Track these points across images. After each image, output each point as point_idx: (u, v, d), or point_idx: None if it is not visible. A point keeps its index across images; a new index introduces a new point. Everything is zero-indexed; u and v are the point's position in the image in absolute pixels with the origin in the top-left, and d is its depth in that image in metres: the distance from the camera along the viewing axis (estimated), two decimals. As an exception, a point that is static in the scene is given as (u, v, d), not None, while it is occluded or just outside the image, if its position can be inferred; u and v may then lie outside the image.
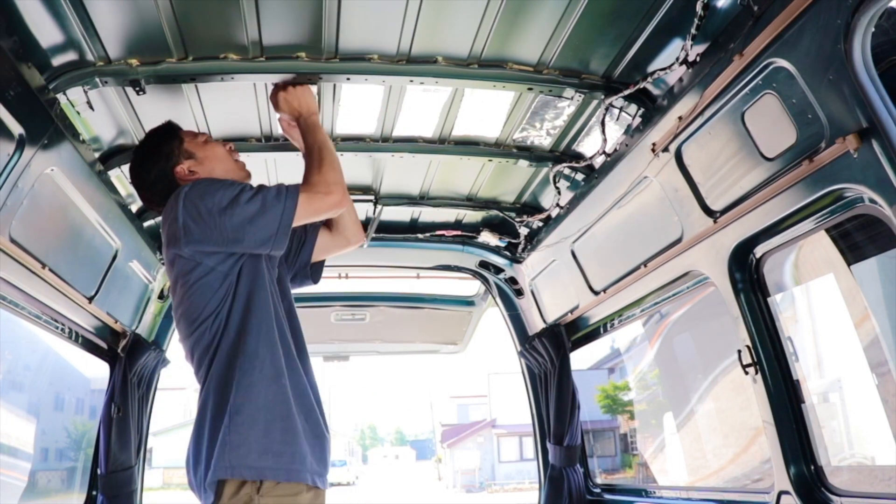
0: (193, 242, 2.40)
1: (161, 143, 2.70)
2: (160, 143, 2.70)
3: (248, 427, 2.29)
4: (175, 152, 2.68)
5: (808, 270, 4.68)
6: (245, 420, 2.29)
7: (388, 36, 2.77)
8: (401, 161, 3.81)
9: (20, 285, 2.93)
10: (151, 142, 2.74)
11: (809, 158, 2.33)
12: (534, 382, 5.08)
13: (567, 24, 2.69)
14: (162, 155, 2.67)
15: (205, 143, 2.76)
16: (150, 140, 2.75)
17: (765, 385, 2.90)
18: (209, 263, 2.42)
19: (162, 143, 2.70)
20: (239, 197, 2.40)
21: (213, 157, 2.73)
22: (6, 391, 7.68)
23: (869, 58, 2.04)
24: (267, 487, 2.26)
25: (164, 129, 2.76)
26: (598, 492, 4.88)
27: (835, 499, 2.71)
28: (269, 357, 2.38)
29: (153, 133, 2.78)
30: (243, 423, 2.29)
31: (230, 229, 2.38)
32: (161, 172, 2.66)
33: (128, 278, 4.01)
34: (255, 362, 2.36)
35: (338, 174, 2.60)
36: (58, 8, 2.39)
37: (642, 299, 3.91)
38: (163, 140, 2.71)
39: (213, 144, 2.78)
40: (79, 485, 4.75)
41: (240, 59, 2.82)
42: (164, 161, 2.66)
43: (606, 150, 3.40)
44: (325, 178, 2.56)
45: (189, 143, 2.72)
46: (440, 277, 5.54)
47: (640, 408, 18.20)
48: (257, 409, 2.32)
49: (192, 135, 2.76)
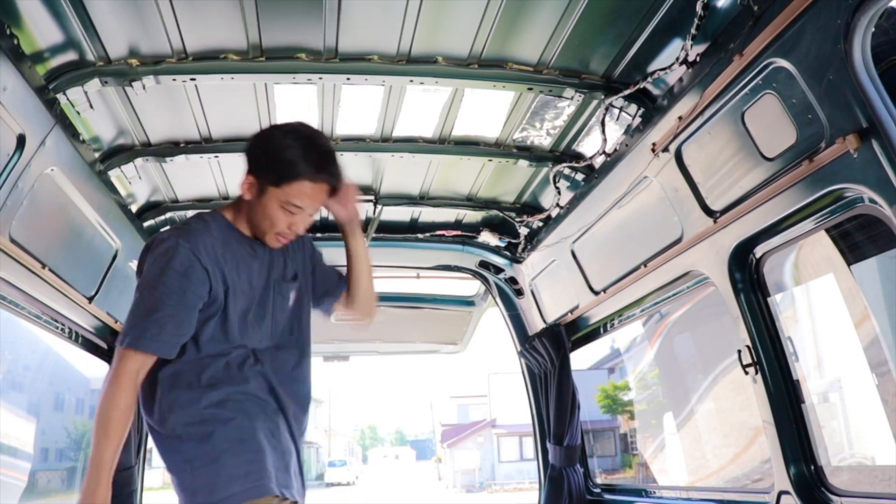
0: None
1: (274, 158, 2.29)
2: (274, 156, 2.29)
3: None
4: (276, 173, 2.28)
5: (808, 270, 4.68)
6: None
7: (388, 36, 2.77)
8: (401, 161, 3.81)
9: (20, 285, 2.93)
10: (275, 147, 2.30)
11: (809, 158, 2.33)
12: (534, 382, 5.08)
13: (567, 24, 2.69)
14: (271, 158, 2.29)
15: (284, 203, 2.30)
16: (277, 147, 2.30)
17: (765, 385, 2.90)
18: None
19: (274, 159, 2.29)
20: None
21: (268, 211, 2.32)
22: (6, 391, 7.68)
23: (869, 58, 2.04)
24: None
25: (291, 165, 2.27)
26: (598, 492, 4.88)
27: (835, 499, 2.70)
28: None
29: (311, 134, 2.35)
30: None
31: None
32: (256, 159, 2.33)
33: (128, 278, 4.00)
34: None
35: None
36: (58, 8, 2.39)
37: (642, 299, 3.91)
38: (279, 161, 2.28)
39: (285, 212, 2.33)
40: (79, 485, 4.75)
41: (240, 59, 2.82)
42: (265, 162, 2.30)
43: (606, 150, 3.40)
44: (373, 294, 2.77)
45: (287, 185, 2.28)
46: (440, 277, 5.54)
47: (639, 408, 18.21)
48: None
49: (299, 190, 2.29)
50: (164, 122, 3.33)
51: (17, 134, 2.46)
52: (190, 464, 2.21)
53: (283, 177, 2.27)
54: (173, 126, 3.37)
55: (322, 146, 2.34)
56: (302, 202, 2.31)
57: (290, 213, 2.33)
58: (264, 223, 2.36)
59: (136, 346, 2.20)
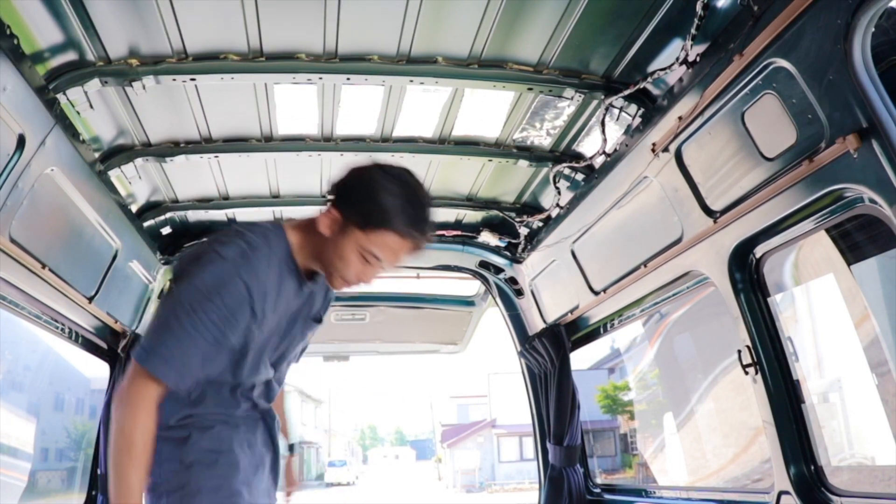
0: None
1: (370, 200, 2.16)
2: (370, 199, 2.16)
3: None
4: (367, 216, 2.14)
5: (808, 270, 4.68)
6: None
7: (388, 36, 2.76)
8: (401, 161, 3.78)
9: (20, 285, 2.93)
10: (372, 191, 2.17)
11: (809, 158, 2.33)
12: (534, 382, 5.08)
13: (567, 24, 2.69)
14: (366, 199, 2.16)
15: (364, 249, 2.17)
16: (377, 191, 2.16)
17: (765, 385, 2.90)
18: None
19: (370, 202, 2.16)
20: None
21: (344, 254, 2.19)
22: (6, 391, 7.68)
23: (869, 58, 2.04)
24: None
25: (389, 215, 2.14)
26: (597, 492, 4.88)
27: (835, 499, 2.70)
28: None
29: (415, 186, 2.22)
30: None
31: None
32: (348, 196, 2.20)
33: (128, 278, 4.01)
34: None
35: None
36: (58, 8, 2.39)
37: (642, 299, 3.91)
38: (374, 205, 2.15)
39: (362, 259, 2.20)
40: (79, 485, 4.75)
41: (240, 60, 2.82)
42: (357, 201, 2.17)
43: (606, 150, 3.40)
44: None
45: (374, 233, 2.15)
46: (440, 277, 5.54)
47: (639, 408, 18.22)
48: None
49: (383, 240, 2.16)
50: (164, 122, 3.33)
51: (17, 134, 2.46)
52: (160, 465, 2.07)
53: (374, 222, 2.11)
54: (173, 126, 3.37)
55: (423, 200, 2.19)
56: (383, 254, 2.15)
57: (366, 261, 2.17)
58: (335, 264, 2.19)
59: (156, 374, 1.96)
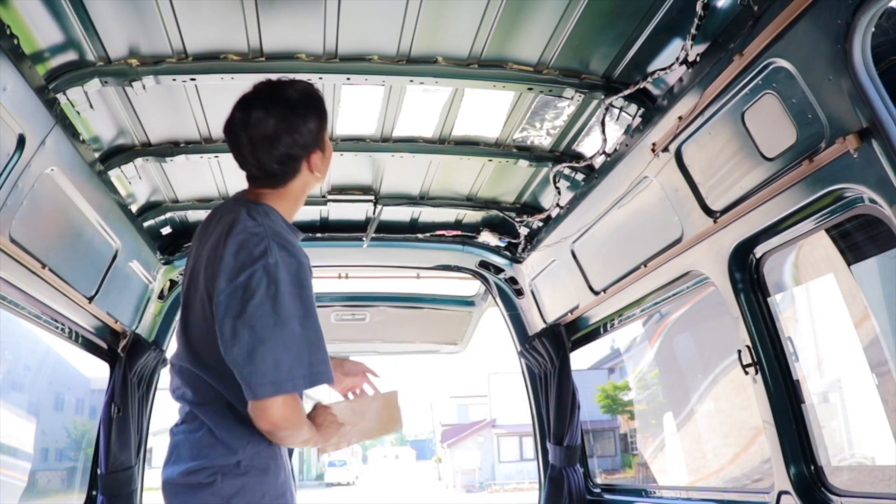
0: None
1: (319, 112, 2.14)
2: (318, 111, 2.13)
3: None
4: (321, 133, 2.14)
5: (808, 270, 4.68)
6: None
7: (388, 36, 2.76)
8: (401, 161, 3.81)
9: (20, 285, 2.93)
10: (312, 102, 2.13)
11: (809, 158, 2.33)
12: (534, 382, 5.08)
13: (567, 24, 2.69)
14: (320, 116, 2.13)
15: (330, 149, 2.23)
16: (311, 99, 2.14)
17: (765, 385, 2.90)
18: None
19: (321, 108, 2.15)
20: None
21: (325, 171, 2.20)
22: (6, 391, 7.68)
23: (869, 58, 2.03)
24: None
25: (319, 96, 2.16)
26: (597, 492, 4.88)
27: (835, 499, 2.71)
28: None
29: (312, 92, 2.15)
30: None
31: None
32: (305, 140, 2.10)
33: (128, 278, 4.01)
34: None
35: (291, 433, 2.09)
36: (58, 8, 2.39)
37: (642, 299, 3.91)
38: (320, 109, 2.15)
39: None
40: (79, 485, 4.75)
41: (240, 60, 2.82)
42: (318, 129, 2.13)
43: (606, 150, 3.40)
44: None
45: (323, 127, 2.17)
46: (440, 277, 5.54)
47: (639, 408, 18.20)
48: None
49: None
50: (164, 122, 3.33)
51: (17, 134, 2.46)
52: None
53: (324, 128, 2.17)
54: (173, 126, 3.37)
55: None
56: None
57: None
58: (314, 186, 2.23)
59: (314, 383, 1.99)
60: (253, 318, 1.92)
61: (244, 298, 1.94)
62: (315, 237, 4.68)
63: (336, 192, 4.19)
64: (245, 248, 1.99)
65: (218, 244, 2.05)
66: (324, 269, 5.26)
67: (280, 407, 1.94)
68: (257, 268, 1.95)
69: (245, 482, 2.04)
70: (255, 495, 2.04)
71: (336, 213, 4.53)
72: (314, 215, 4.56)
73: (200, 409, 2.09)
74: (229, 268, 1.99)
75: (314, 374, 1.98)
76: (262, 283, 1.94)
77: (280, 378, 1.92)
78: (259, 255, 1.97)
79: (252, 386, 1.92)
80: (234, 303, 1.95)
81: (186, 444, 2.10)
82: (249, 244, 1.99)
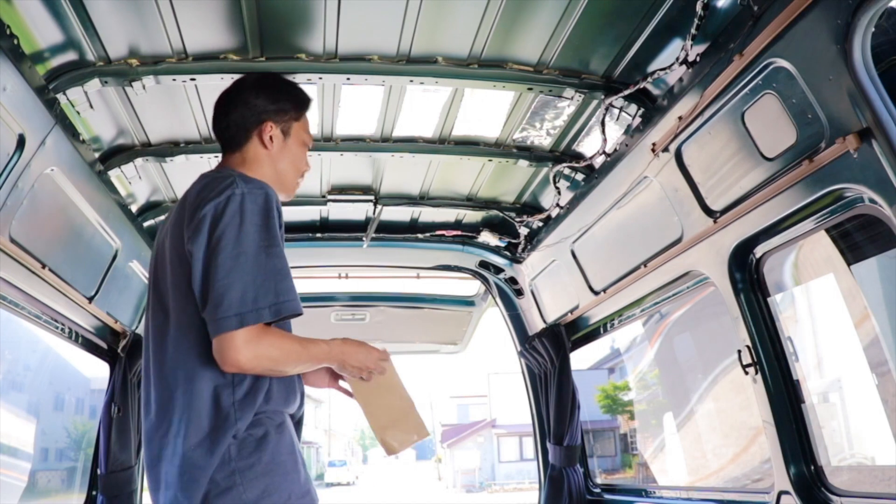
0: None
1: (285, 92, 2.36)
2: (284, 91, 2.36)
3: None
4: (285, 112, 2.31)
5: (808, 270, 4.68)
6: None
7: (388, 36, 2.76)
8: (401, 161, 3.81)
9: (20, 285, 2.93)
10: (280, 84, 2.40)
11: (809, 158, 2.33)
12: (534, 382, 5.08)
13: (567, 24, 2.69)
14: (275, 98, 2.31)
15: (303, 143, 2.39)
16: (281, 82, 2.42)
17: (765, 385, 2.90)
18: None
19: (285, 94, 2.36)
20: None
21: (294, 152, 2.33)
22: (6, 391, 7.68)
23: (869, 58, 2.03)
24: None
25: (301, 92, 2.40)
26: (598, 492, 4.88)
27: (835, 499, 2.71)
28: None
29: (270, 76, 2.45)
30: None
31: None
32: (255, 111, 2.28)
33: (128, 278, 4.01)
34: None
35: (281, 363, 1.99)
36: (58, 8, 2.39)
37: (642, 299, 3.91)
38: (290, 93, 2.37)
39: (304, 150, 2.41)
40: (79, 485, 4.75)
41: (239, 60, 2.82)
42: (271, 105, 2.30)
43: (606, 150, 3.40)
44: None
45: (299, 126, 2.35)
46: (440, 277, 5.54)
47: (639, 408, 18.21)
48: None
49: (307, 126, 2.41)
50: (164, 122, 3.33)
51: (17, 134, 2.46)
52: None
53: (302, 105, 2.29)
54: (173, 126, 3.37)
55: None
56: (309, 130, 2.35)
57: (306, 146, 2.32)
58: (290, 171, 2.28)
59: (280, 314, 1.90)
60: (217, 249, 1.88)
61: (210, 230, 1.91)
62: (315, 237, 4.68)
63: (336, 192, 4.19)
64: (209, 186, 2.02)
65: (182, 204, 2.10)
66: (324, 269, 5.26)
67: (244, 345, 1.82)
68: (221, 199, 1.95)
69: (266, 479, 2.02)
70: (282, 495, 1.98)
71: (336, 213, 4.53)
72: (314, 215, 4.56)
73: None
74: (192, 206, 1.98)
75: (280, 303, 1.89)
76: (226, 213, 1.91)
77: (244, 310, 1.84)
78: (224, 188, 1.98)
79: (216, 320, 1.83)
80: (199, 237, 1.92)
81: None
82: (213, 183, 2.03)
